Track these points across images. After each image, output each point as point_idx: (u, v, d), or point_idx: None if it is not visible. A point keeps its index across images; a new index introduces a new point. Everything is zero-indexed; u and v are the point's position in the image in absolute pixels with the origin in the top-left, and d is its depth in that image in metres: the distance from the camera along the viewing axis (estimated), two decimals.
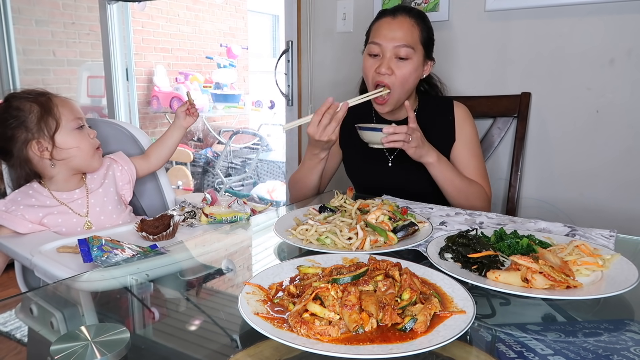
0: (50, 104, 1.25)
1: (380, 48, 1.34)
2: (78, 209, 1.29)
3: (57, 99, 1.28)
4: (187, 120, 1.45)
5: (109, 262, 0.93)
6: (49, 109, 1.25)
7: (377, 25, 1.38)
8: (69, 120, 1.26)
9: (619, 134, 1.54)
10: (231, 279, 0.90)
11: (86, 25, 4.19)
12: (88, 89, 4.26)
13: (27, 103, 1.24)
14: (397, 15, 1.35)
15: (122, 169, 1.40)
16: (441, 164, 1.30)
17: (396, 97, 1.37)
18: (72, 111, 1.28)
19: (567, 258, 0.81)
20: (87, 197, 1.31)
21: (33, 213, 1.23)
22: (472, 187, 1.36)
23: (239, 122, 6.46)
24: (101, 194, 1.33)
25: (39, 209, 1.24)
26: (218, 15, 6.26)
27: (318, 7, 2.06)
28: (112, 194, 1.35)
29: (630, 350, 0.59)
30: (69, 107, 1.28)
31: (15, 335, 0.72)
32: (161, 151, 1.48)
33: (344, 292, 0.63)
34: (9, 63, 3.52)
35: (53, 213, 1.25)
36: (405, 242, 0.94)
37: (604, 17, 1.50)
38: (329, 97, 1.26)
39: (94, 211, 1.30)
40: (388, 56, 1.33)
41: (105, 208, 1.32)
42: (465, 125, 1.44)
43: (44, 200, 1.26)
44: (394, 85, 1.34)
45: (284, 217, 1.11)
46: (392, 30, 1.33)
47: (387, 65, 1.33)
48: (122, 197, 1.39)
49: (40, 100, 1.25)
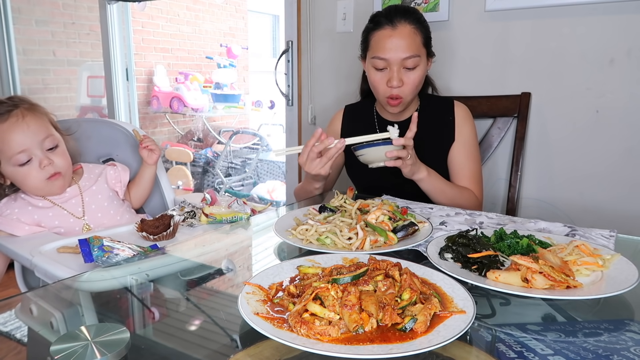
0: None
1: (387, 62, 1.32)
2: (73, 209, 1.27)
3: (5, 125, 1.14)
4: (150, 157, 1.40)
5: (110, 262, 0.93)
6: None
7: (377, 37, 1.34)
8: (8, 158, 1.17)
9: (619, 134, 1.54)
10: (231, 279, 0.90)
11: (86, 25, 4.19)
12: (88, 89, 4.26)
13: None
14: (397, 25, 1.31)
15: (116, 169, 1.40)
16: (431, 177, 1.29)
17: (408, 100, 1.38)
18: (13, 146, 1.15)
19: (567, 258, 0.81)
20: (81, 196, 1.30)
21: (28, 215, 1.22)
22: (463, 195, 1.37)
23: (239, 122, 6.46)
24: (95, 191, 1.32)
25: (33, 211, 1.23)
26: (218, 15, 6.26)
27: (318, 7, 2.06)
28: (106, 190, 1.35)
29: (630, 350, 0.59)
30: (10, 140, 1.15)
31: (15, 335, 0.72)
32: (137, 192, 1.45)
33: (344, 292, 0.63)
34: (9, 63, 3.52)
35: (48, 215, 1.24)
36: (405, 242, 0.94)
37: (604, 17, 1.50)
38: (318, 129, 1.19)
39: (90, 209, 1.29)
40: (395, 69, 1.31)
41: (101, 205, 1.31)
42: (465, 125, 1.44)
43: (36, 202, 1.25)
44: (406, 93, 1.35)
45: (284, 217, 1.11)
46: (395, 43, 1.30)
47: (397, 78, 1.31)
48: (116, 193, 1.39)
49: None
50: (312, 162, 1.20)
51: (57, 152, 1.24)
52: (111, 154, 1.53)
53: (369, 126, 1.52)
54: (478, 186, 1.43)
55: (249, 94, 6.57)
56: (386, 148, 1.16)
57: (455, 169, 1.43)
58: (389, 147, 1.16)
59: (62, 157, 1.25)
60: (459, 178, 1.43)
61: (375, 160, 1.20)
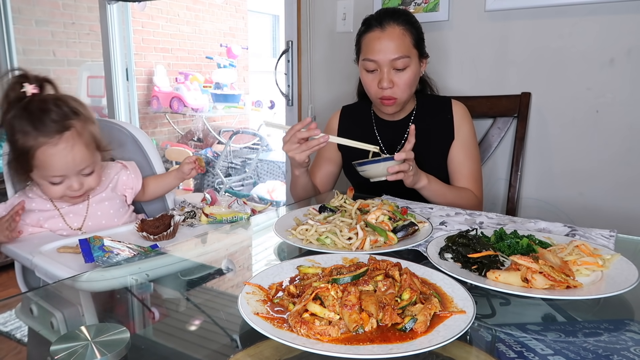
0: (31, 149, 1.10)
1: (377, 64, 1.33)
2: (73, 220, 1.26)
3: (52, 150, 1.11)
4: (190, 174, 1.43)
5: (110, 262, 0.93)
6: (24, 152, 1.11)
7: (366, 39, 1.36)
8: (43, 175, 1.16)
9: (619, 134, 1.54)
10: (231, 279, 0.90)
11: (86, 25, 4.19)
12: (88, 89, 4.26)
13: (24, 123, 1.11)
14: (385, 27, 1.32)
15: (129, 175, 1.39)
16: (432, 183, 1.29)
17: (403, 101, 1.38)
18: (52, 170, 1.14)
19: (567, 258, 0.81)
20: (88, 201, 1.29)
21: (33, 217, 1.23)
22: (463, 196, 1.37)
23: (239, 122, 6.46)
24: (103, 198, 1.32)
25: (39, 214, 1.24)
26: (218, 15, 6.26)
27: (318, 7, 2.06)
28: (114, 197, 1.35)
29: (630, 350, 0.59)
30: (53, 164, 1.13)
31: (15, 335, 0.73)
32: (157, 190, 1.46)
33: (344, 292, 0.63)
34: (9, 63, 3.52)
35: (54, 217, 1.25)
36: (405, 242, 0.94)
37: (604, 17, 1.50)
38: (308, 118, 1.27)
39: (94, 215, 1.29)
40: (386, 70, 1.33)
41: (107, 212, 1.32)
42: (464, 124, 1.44)
43: (44, 204, 1.25)
44: (399, 94, 1.35)
45: (284, 217, 1.11)
46: (384, 45, 1.31)
47: (387, 79, 1.32)
48: (125, 198, 1.39)
49: (32, 136, 1.10)
50: (292, 145, 1.22)
51: (91, 176, 1.23)
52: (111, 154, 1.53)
53: (366, 127, 1.52)
54: (478, 185, 1.43)
55: (249, 94, 6.56)
56: (388, 164, 1.16)
57: (454, 168, 1.43)
58: (390, 163, 1.16)
59: (93, 180, 1.24)
60: (458, 177, 1.43)
61: (377, 175, 1.20)
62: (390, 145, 1.48)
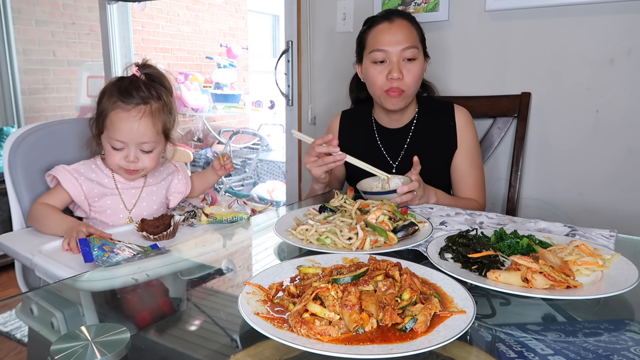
0: (108, 110, 1.23)
1: (386, 54, 1.34)
2: (128, 199, 1.31)
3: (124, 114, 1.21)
4: (221, 171, 1.48)
5: (110, 261, 0.93)
6: (102, 111, 1.24)
7: (374, 32, 1.37)
8: (108, 137, 1.24)
9: (619, 134, 1.54)
10: (231, 279, 0.90)
11: (86, 25, 4.19)
12: (88, 89, 4.25)
13: (114, 89, 1.23)
14: (394, 19, 1.35)
15: (180, 179, 1.42)
16: (440, 199, 1.30)
17: (409, 95, 1.38)
18: (117, 134, 1.23)
19: (567, 258, 0.81)
20: (141, 189, 1.33)
21: (89, 186, 1.26)
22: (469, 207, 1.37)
23: (239, 122, 6.46)
24: (154, 191, 1.36)
25: (96, 185, 1.27)
26: (218, 15, 6.26)
27: (318, 7, 2.06)
28: (162, 196, 1.38)
29: (630, 350, 0.59)
30: (119, 128, 1.22)
31: (16, 335, 0.72)
32: (201, 188, 1.51)
33: (344, 292, 0.63)
34: (9, 63, 3.52)
35: (107, 194, 1.28)
36: (405, 242, 0.94)
37: (604, 17, 1.50)
38: (330, 134, 1.24)
39: (140, 206, 1.32)
40: (395, 60, 1.33)
41: (151, 207, 1.34)
42: (467, 131, 1.44)
43: (103, 178, 1.29)
44: (408, 85, 1.35)
45: (284, 217, 1.11)
46: (395, 34, 1.33)
47: (397, 69, 1.33)
48: (168, 201, 1.41)
49: (113, 99, 1.23)
50: (310, 157, 1.25)
51: (149, 155, 1.28)
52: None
53: (368, 134, 1.51)
54: (481, 193, 1.45)
55: (249, 94, 6.56)
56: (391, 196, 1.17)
57: (458, 177, 1.44)
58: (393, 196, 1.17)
59: (150, 160, 1.28)
60: (462, 186, 1.43)
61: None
62: (392, 153, 1.48)
